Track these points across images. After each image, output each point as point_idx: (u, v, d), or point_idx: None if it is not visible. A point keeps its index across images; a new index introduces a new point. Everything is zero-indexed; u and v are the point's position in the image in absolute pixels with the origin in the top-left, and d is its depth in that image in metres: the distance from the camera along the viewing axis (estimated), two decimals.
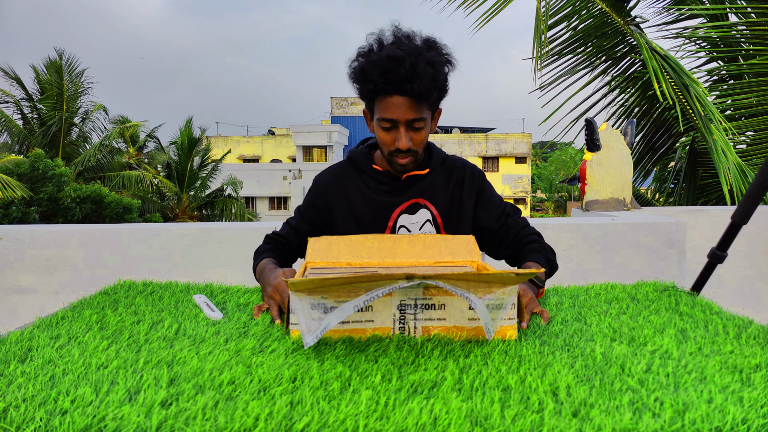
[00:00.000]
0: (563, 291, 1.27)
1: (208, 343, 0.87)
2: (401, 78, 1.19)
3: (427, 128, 1.31)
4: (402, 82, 1.19)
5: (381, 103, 1.26)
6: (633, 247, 2.47)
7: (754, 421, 0.59)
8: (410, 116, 1.25)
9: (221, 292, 1.25)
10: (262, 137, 33.85)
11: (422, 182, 1.41)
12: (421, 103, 1.24)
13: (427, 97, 1.24)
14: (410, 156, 1.32)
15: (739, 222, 1.22)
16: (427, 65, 1.20)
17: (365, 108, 1.36)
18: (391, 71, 1.19)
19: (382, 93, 1.24)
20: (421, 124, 1.28)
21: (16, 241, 2.26)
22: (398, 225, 1.39)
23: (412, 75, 1.18)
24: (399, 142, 1.27)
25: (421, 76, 1.19)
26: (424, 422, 0.58)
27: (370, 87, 1.24)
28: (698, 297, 1.20)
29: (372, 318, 0.88)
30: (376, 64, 1.21)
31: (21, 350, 0.82)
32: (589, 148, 3.08)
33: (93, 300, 1.14)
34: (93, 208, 12.74)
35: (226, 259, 2.34)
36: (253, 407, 0.61)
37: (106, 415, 0.59)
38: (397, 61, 1.18)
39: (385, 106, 1.25)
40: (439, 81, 1.23)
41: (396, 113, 1.24)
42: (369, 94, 1.27)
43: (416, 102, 1.23)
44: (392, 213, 1.39)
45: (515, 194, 32.23)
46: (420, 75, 1.18)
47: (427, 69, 1.19)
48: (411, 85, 1.19)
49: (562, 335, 0.93)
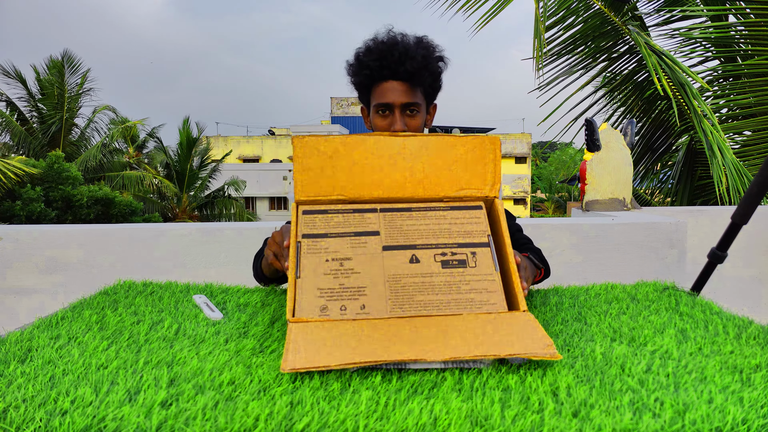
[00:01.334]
0: (563, 291, 1.27)
1: (208, 344, 0.87)
2: (395, 60, 1.27)
3: (422, 116, 1.37)
4: (396, 64, 1.27)
5: (377, 90, 1.33)
6: (633, 247, 2.47)
7: (755, 422, 0.59)
8: (405, 100, 1.31)
9: (221, 292, 1.25)
10: (262, 137, 33.85)
11: None
12: (414, 87, 1.31)
13: (420, 80, 1.30)
14: None
15: (739, 222, 1.22)
16: (419, 48, 1.28)
17: (362, 105, 1.43)
18: (386, 55, 1.27)
19: (378, 79, 1.31)
20: (415, 109, 1.34)
21: (16, 241, 2.26)
22: None
23: (405, 57, 1.26)
24: (394, 126, 1.33)
25: (414, 57, 1.27)
26: (424, 422, 0.58)
27: (366, 73, 1.31)
28: (698, 297, 1.19)
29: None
30: (371, 51, 1.30)
31: (21, 350, 0.82)
32: (589, 148, 3.09)
33: (93, 300, 1.14)
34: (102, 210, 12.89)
35: (226, 259, 2.33)
36: (253, 407, 0.61)
37: (106, 416, 0.59)
38: (390, 45, 1.28)
39: (381, 91, 1.32)
40: (431, 64, 1.30)
41: (391, 97, 1.31)
42: (365, 81, 1.34)
43: (410, 86, 1.30)
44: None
45: (515, 194, 32.24)
46: (412, 56, 1.26)
47: (419, 51, 1.28)
48: (404, 66, 1.27)
49: (562, 335, 0.93)
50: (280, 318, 1.04)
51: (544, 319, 1.03)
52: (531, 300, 1.18)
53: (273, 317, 1.04)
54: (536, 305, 1.14)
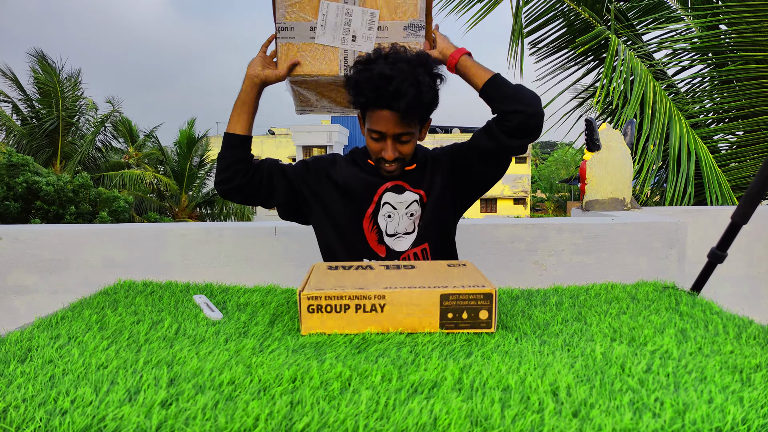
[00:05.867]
0: (563, 291, 1.27)
1: (208, 343, 0.87)
2: (389, 95, 1.28)
3: (414, 140, 1.41)
4: (390, 99, 1.28)
5: (372, 115, 1.35)
6: (633, 247, 2.47)
7: (754, 421, 0.59)
8: (397, 131, 1.34)
9: (221, 292, 1.25)
10: (262, 137, 33.85)
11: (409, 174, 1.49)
12: (407, 119, 1.33)
13: (412, 116, 1.32)
14: (396, 164, 1.41)
15: (739, 222, 1.22)
16: (410, 86, 1.27)
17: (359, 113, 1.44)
18: (381, 88, 1.28)
19: (372, 106, 1.33)
20: (407, 138, 1.37)
21: (16, 241, 2.26)
22: (383, 201, 1.46)
23: (399, 94, 1.27)
24: (385, 153, 1.37)
25: (407, 96, 1.27)
26: (424, 422, 0.58)
27: (362, 100, 1.34)
28: (698, 297, 1.19)
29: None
30: (368, 81, 1.30)
31: (21, 350, 0.82)
32: (589, 148, 3.08)
33: (93, 300, 1.14)
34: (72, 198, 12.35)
35: (226, 259, 2.33)
36: (253, 407, 0.61)
37: (106, 415, 0.59)
38: (386, 79, 1.27)
39: (376, 118, 1.34)
40: (423, 101, 1.31)
41: (384, 126, 1.34)
42: (361, 106, 1.37)
43: (403, 118, 1.32)
44: (378, 188, 1.46)
45: (515, 194, 32.22)
46: (405, 95, 1.27)
47: (410, 90, 1.27)
48: (398, 102, 1.28)
49: (562, 335, 0.93)
50: (281, 318, 1.04)
51: (544, 319, 1.03)
52: (531, 300, 1.18)
53: (273, 317, 1.04)
54: (536, 305, 1.14)
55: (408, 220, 1.46)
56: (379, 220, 1.46)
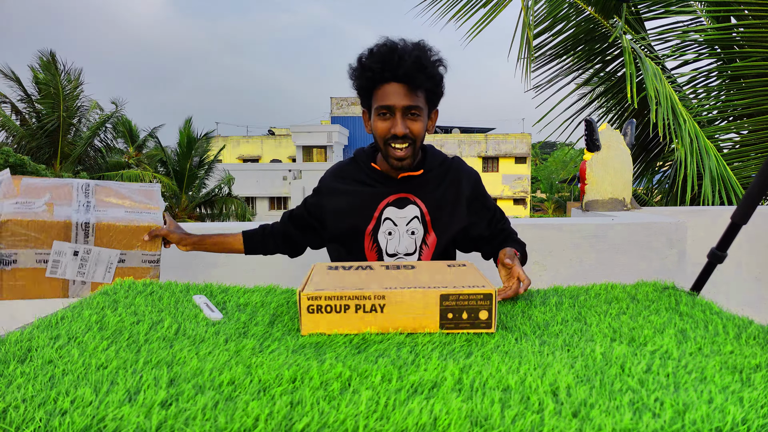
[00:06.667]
0: (563, 291, 1.27)
1: (208, 344, 0.87)
2: (395, 63, 1.30)
3: (423, 121, 1.38)
4: (396, 67, 1.30)
5: (378, 93, 1.35)
6: (633, 247, 2.47)
7: (754, 422, 0.59)
8: (406, 103, 1.33)
9: (221, 292, 1.25)
10: (262, 137, 33.86)
11: (415, 181, 1.46)
12: (415, 90, 1.34)
13: (419, 82, 1.33)
14: (407, 144, 1.37)
15: (739, 222, 1.22)
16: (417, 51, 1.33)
17: (364, 109, 1.44)
18: (386, 58, 1.31)
19: (379, 81, 1.34)
20: (416, 113, 1.36)
21: None
22: (384, 217, 1.44)
23: (403, 60, 1.31)
24: (395, 128, 1.35)
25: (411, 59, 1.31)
26: (424, 422, 0.58)
27: (369, 75, 1.34)
28: (698, 297, 1.19)
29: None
30: (372, 55, 1.34)
31: (20, 350, 0.82)
32: (589, 148, 3.08)
33: (92, 300, 1.14)
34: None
35: (226, 259, 2.33)
36: (253, 407, 0.61)
37: (106, 416, 0.59)
38: (391, 49, 1.32)
39: (383, 94, 1.34)
40: (428, 67, 1.34)
41: (392, 99, 1.34)
42: (368, 83, 1.36)
43: (411, 90, 1.33)
44: (379, 203, 1.44)
45: (515, 194, 32.22)
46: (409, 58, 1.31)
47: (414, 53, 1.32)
48: (403, 68, 1.30)
49: (562, 335, 0.93)
50: (280, 318, 1.04)
51: (544, 319, 1.03)
52: (531, 300, 1.18)
53: (273, 317, 1.04)
54: (536, 305, 1.14)
55: (409, 239, 1.45)
56: (379, 238, 1.44)
